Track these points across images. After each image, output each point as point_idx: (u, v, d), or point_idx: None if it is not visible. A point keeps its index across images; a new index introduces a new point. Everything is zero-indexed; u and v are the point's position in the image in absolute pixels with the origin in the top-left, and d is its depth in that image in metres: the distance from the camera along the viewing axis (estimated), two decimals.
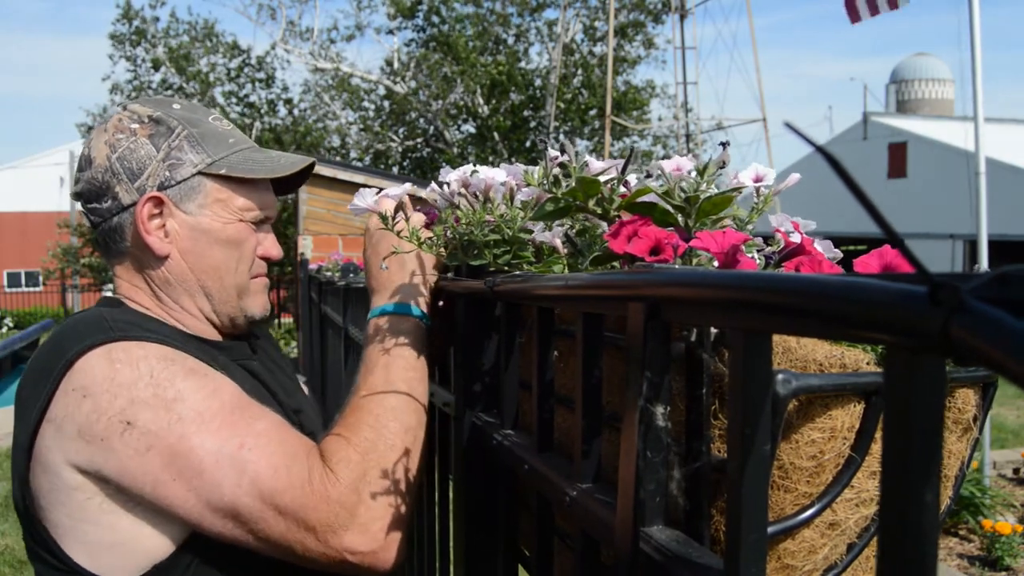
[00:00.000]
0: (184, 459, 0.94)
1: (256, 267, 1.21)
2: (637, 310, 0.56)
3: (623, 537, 0.58)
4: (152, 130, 1.13)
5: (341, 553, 0.95)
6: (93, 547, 1.00)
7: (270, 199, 1.21)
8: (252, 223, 1.18)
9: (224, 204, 1.15)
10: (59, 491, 0.99)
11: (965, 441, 0.68)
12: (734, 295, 0.44)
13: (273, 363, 1.35)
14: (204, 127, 1.16)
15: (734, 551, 0.47)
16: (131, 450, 0.94)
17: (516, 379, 0.96)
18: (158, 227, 1.12)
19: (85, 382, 0.97)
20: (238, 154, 1.16)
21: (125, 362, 0.98)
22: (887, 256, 0.64)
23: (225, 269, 1.16)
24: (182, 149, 1.13)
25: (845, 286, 0.37)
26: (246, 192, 1.17)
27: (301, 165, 1.19)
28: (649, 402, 0.57)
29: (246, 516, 0.94)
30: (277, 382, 1.29)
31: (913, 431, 0.36)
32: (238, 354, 1.22)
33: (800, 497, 0.61)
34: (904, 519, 0.36)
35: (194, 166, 1.13)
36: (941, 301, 0.31)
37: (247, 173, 1.15)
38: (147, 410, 0.95)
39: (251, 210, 1.17)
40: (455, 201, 0.97)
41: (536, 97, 19.87)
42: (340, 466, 0.96)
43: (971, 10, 5.68)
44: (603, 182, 0.79)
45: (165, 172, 1.12)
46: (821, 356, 0.60)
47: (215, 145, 1.15)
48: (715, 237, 0.64)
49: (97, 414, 0.96)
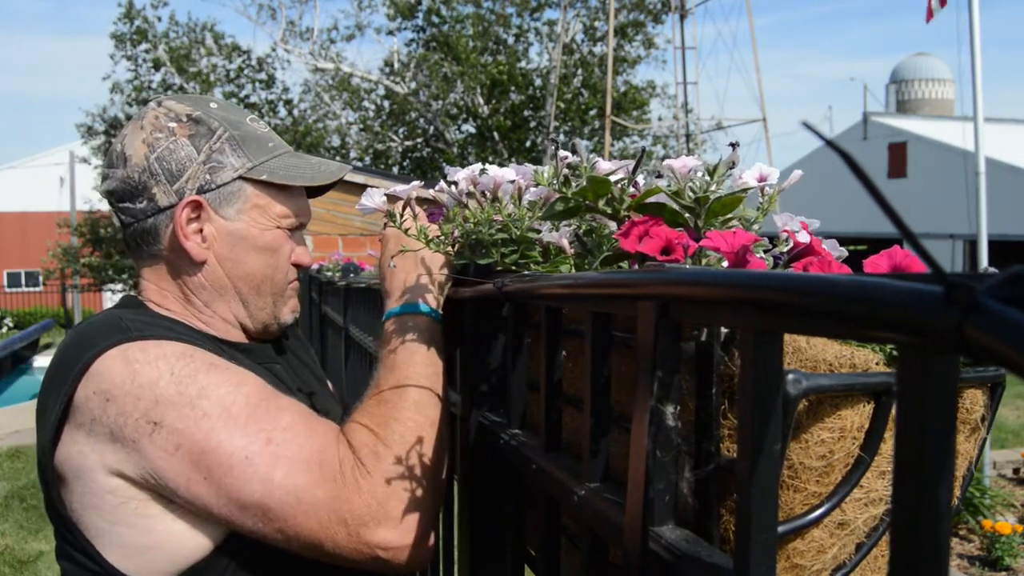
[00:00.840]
0: (212, 456, 0.93)
1: (290, 274, 1.20)
2: (647, 309, 0.56)
3: (632, 536, 0.58)
4: (192, 130, 1.10)
5: (373, 548, 0.93)
6: (129, 550, 0.98)
7: (305, 205, 1.20)
8: (288, 230, 1.17)
9: (263, 210, 1.13)
10: (93, 495, 0.98)
11: (973, 441, 0.68)
12: (748, 295, 0.44)
13: (300, 363, 1.34)
14: (244, 129, 1.14)
15: (744, 551, 0.48)
16: (161, 451, 0.93)
17: (524, 379, 0.96)
18: (195, 231, 1.10)
19: (105, 385, 0.96)
20: (278, 159, 1.14)
21: (143, 361, 0.96)
22: (896, 256, 0.65)
23: (262, 276, 1.15)
24: (223, 152, 1.10)
25: (859, 286, 0.37)
26: (284, 198, 1.15)
27: (340, 174, 1.18)
28: (659, 402, 0.57)
29: (276, 512, 0.92)
30: (302, 382, 1.28)
31: (927, 431, 0.36)
32: (262, 357, 1.20)
33: (809, 497, 0.61)
34: (917, 519, 0.36)
35: (235, 170, 1.11)
36: (956, 301, 0.31)
37: (288, 180, 1.13)
38: (172, 408, 0.93)
39: (288, 217, 1.16)
40: (464, 200, 0.97)
41: (536, 97, 19.86)
42: (370, 459, 0.94)
43: (971, 10, 5.69)
44: (613, 182, 0.79)
45: (206, 175, 1.09)
46: (831, 356, 0.60)
47: (256, 149, 1.13)
48: (725, 237, 0.64)
49: (124, 417, 0.94)
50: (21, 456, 7.65)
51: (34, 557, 5.30)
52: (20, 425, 8.69)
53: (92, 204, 20.50)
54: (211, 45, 19.75)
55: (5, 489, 6.69)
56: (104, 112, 19.70)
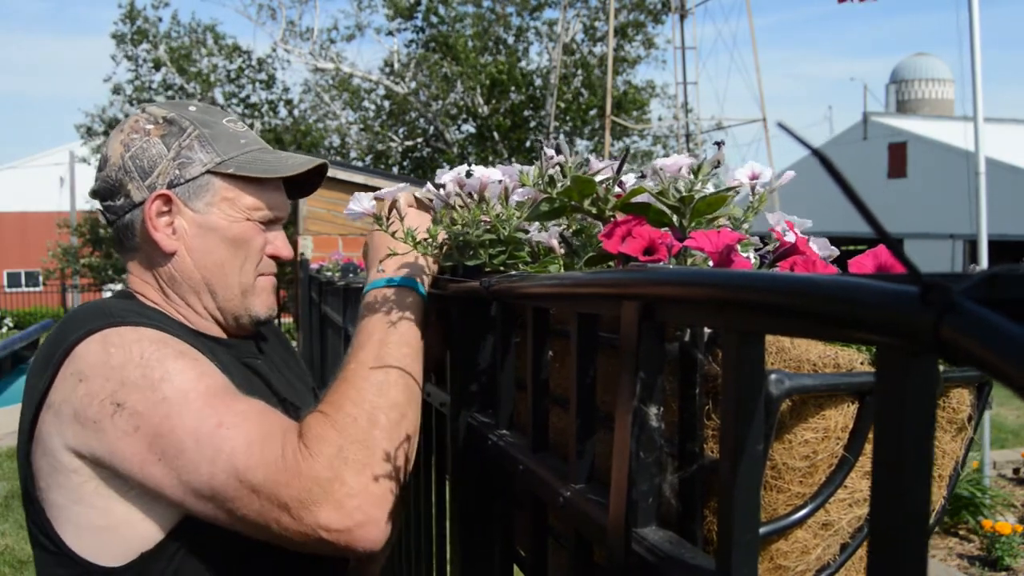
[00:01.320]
0: (166, 439, 0.95)
1: (264, 266, 1.22)
2: (631, 309, 0.56)
3: (615, 538, 0.58)
4: (165, 130, 1.16)
5: (316, 530, 0.93)
6: (85, 531, 1.02)
7: (279, 200, 1.22)
8: (261, 223, 1.20)
9: (232, 203, 1.16)
10: (58, 473, 1.02)
11: (959, 441, 0.68)
12: (726, 294, 0.44)
13: (283, 363, 1.35)
14: (217, 128, 1.18)
15: (726, 552, 0.47)
16: (120, 431, 0.96)
17: (511, 379, 0.96)
18: (166, 224, 1.15)
19: (81, 366, 1.00)
20: (248, 154, 1.18)
21: (119, 345, 1.00)
22: (882, 256, 0.64)
23: (230, 267, 1.17)
24: (192, 148, 1.15)
25: (836, 286, 0.36)
26: (254, 192, 1.18)
27: (308, 166, 1.20)
28: (642, 402, 0.56)
29: (223, 495, 0.94)
30: (284, 381, 1.29)
31: (905, 432, 0.35)
32: (242, 352, 1.23)
33: (793, 497, 0.61)
34: (895, 520, 0.36)
35: (203, 165, 1.15)
36: (932, 302, 0.31)
37: (255, 172, 1.16)
38: (135, 391, 0.97)
39: (259, 209, 1.19)
40: (451, 202, 0.97)
41: (536, 97, 19.86)
42: (316, 442, 0.95)
43: (971, 10, 5.68)
44: (598, 182, 0.79)
45: (175, 171, 1.14)
46: (815, 356, 0.60)
47: (225, 145, 1.17)
48: (709, 237, 0.64)
49: (90, 397, 0.98)
50: None
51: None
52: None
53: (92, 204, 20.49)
54: (212, 45, 19.76)
55: (5, 489, 6.69)
56: (104, 112, 19.71)
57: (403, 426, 1.01)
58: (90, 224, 19.56)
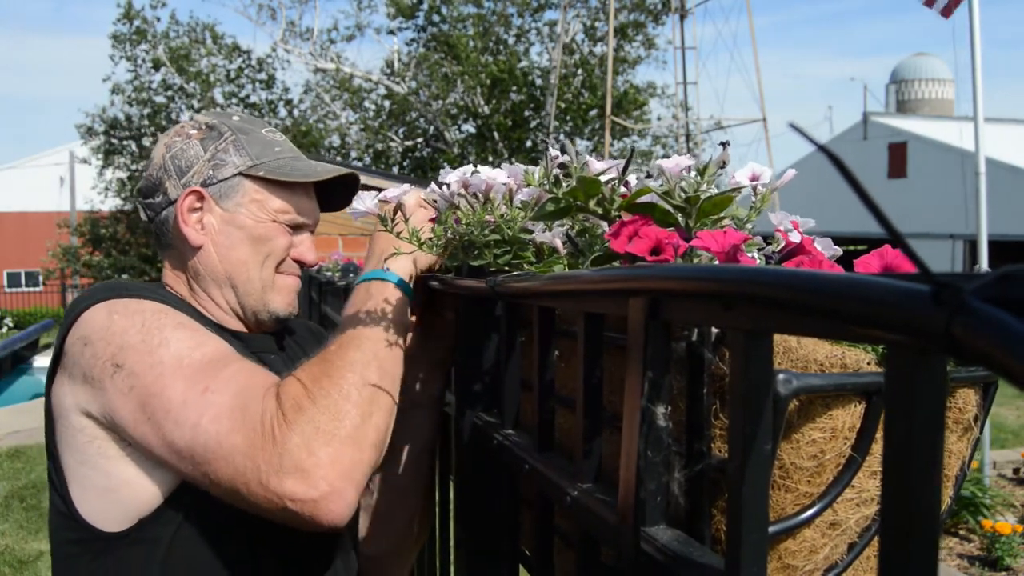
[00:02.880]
0: (157, 400, 1.00)
1: (286, 266, 1.27)
2: (638, 306, 0.56)
3: (624, 537, 0.58)
4: (205, 134, 1.24)
5: (281, 499, 0.94)
6: (89, 492, 1.07)
7: (308, 205, 1.28)
8: (287, 226, 1.26)
9: (260, 204, 1.23)
10: (69, 434, 1.09)
11: (966, 441, 0.68)
12: (734, 289, 0.44)
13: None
14: (253, 135, 1.26)
15: (735, 551, 0.47)
16: (117, 390, 1.02)
17: (517, 379, 0.96)
18: (196, 220, 1.22)
19: (86, 331, 1.07)
20: (280, 160, 1.25)
21: (122, 313, 1.06)
22: (888, 256, 0.64)
23: (252, 263, 1.23)
24: (227, 151, 1.23)
25: (847, 283, 0.36)
26: (283, 195, 1.25)
27: (335, 173, 1.25)
28: (650, 402, 0.56)
29: (200, 456, 0.98)
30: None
31: (914, 431, 0.35)
32: (259, 346, 1.27)
33: (801, 497, 0.61)
34: (905, 519, 0.36)
35: (236, 167, 1.22)
36: (944, 301, 0.31)
37: (283, 176, 1.23)
38: (134, 353, 1.02)
39: (286, 212, 1.25)
40: (455, 202, 0.97)
41: (536, 97, 19.87)
42: (292, 411, 0.97)
43: (971, 10, 5.68)
44: (603, 182, 0.79)
45: (209, 171, 1.22)
46: (822, 356, 0.60)
47: (260, 150, 1.24)
48: (715, 237, 0.64)
49: (95, 359, 1.04)
50: (21, 456, 7.65)
51: (34, 557, 5.30)
52: (20, 425, 8.68)
53: (92, 204, 20.49)
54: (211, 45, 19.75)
55: (5, 489, 6.69)
56: (104, 112, 19.70)
57: (377, 404, 1.03)
58: (90, 224, 19.54)
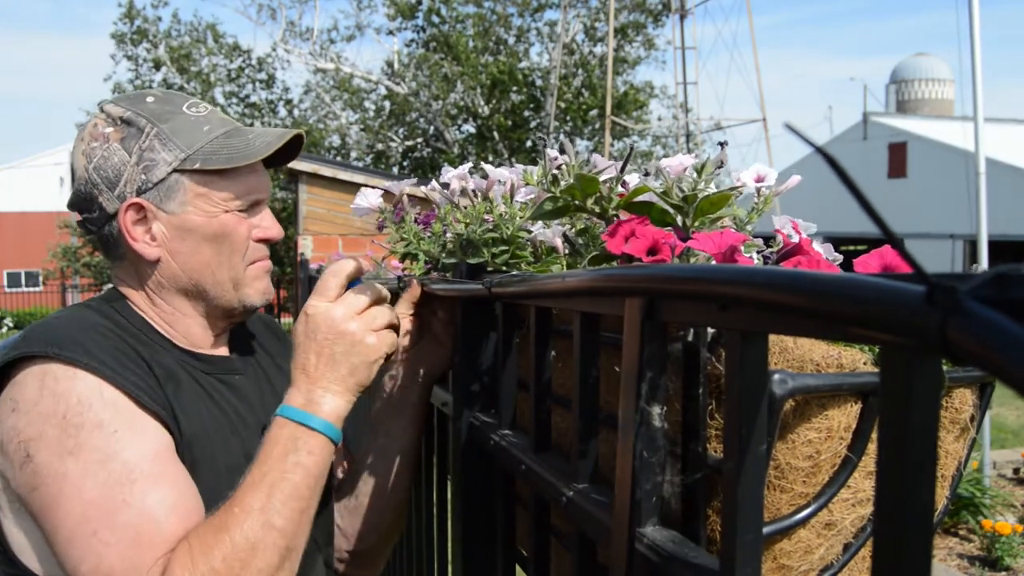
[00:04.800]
0: (51, 513, 0.96)
1: (253, 252, 1.16)
2: (634, 306, 0.56)
3: (619, 537, 0.58)
4: (123, 132, 1.11)
5: None
6: (13, 535, 1.03)
7: (256, 181, 1.15)
8: (240, 211, 1.14)
9: (206, 198, 1.11)
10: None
11: (962, 441, 0.68)
12: (729, 289, 0.44)
13: (276, 368, 1.28)
14: (176, 120, 1.12)
15: (730, 551, 0.47)
16: (24, 482, 0.97)
17: (514, 379, 0.96)
18: (144, 232, 1.11)
19: (16, 396, 1.00)
20: (213, 143, 1.12)
21: (51, 391, 0.99)
22: (887, 256, 0.64)
23: (216, 264, 1.13)
24: (154, 149, 1.10)
25: (842, 283, 0.36)
26: (227, 181, 1.12)
27: (278, 143, 1.12)
28: (646, 402, 0.56)
29: None
30: (265, 395, 1.22)
31: (909, 431, 0.35)
32: (222, 368, 1.18)
33: (796, 497, 0.61)
34: (899, 519, 0.36)
35: (168, 164, 1.10)
36: (938, 302, 0.31)
37: (223, 163, 1.10)
38: (46, 451, 0.96)
39: (235, 198, 1.13)
40: (455, 200, 0.97)
41: (536, 97, 19.88)
42: None
43: (971, 10, 5.68)
44: (601, 181, 0.79)
45: (141, 176, 1.10)
46: (818, 356, 0.60)
47: (188, 137, 1.11)
48: (712, 237, 0.64)
49: (14, 432, 0.99)
50: None
51: None
52: None
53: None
54: (212, 44, 19.77)
55: None
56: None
57: None
58: None
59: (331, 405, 1.03)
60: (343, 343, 1.05)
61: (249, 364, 1.25)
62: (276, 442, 1.00)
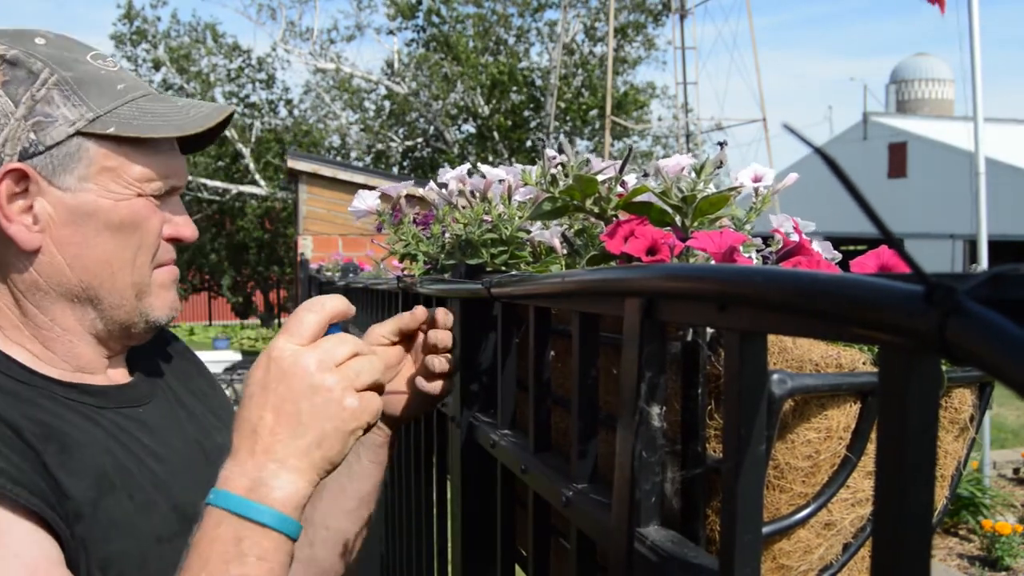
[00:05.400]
0: None
1: (163, 253, 0.91)
2: (633, 306, 0.56)
3: (618, 537, 0.58)
4: (7, 75, 0.83)
5: None
6: None
7: (177, 163, 0.92)
8: (154, 197, 0.89)
9: (115, 174, 0.85)
10: None
11: (962, 441, 0.68)
12: (728, 289, 0.44)
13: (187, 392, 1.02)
14: (81, 70, 0.86)
15: (729, 551, 0.47)
16: None
17: (513, 379, 0.96)
18: (22, 210, 0.83)
19: None
20: (131, 105, 0.86)
21: None
22: (884, 256, 0.64)
23: (119, 262, 0.87)
24: (51, 101, 0.83)
25: (840, 283, 0.36)
26: (145, 157, 0.87)
27: (218, 117, 0.89)
28: (645, 402, 0.56)
29: None
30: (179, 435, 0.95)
31: (908, 432, 0.35)
32: (123, 399, 0.91)
33: (795, 497, 0.61)
34: (898, 520, 0.36)
35: (70, 124, 0.83)
36: (936, 302, 0.31)
37: (147, 131, 0.85)
38: None
39: (152, 180, 0.87)
40: (454, 201, 0.97)
41: (536, 97, 19.90)
42: None
43: (971, 10, 5.69)
44: (600, 181, 0.79)
45: (29, 135, 0.82)
46: (817, 356, 0.60)
47: (99, 94, 0.85)
48: (712, 237, 0.64)
49: None
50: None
51: None
52: None
53: None
54: (211, 44, 19.79)
55: None
56: None
57: None
58: None
59: (287, 488, 0.72)
60: (313, 400, 0.74)
61: (156, 388, 0.98)
62: (211, 545, 0.70)
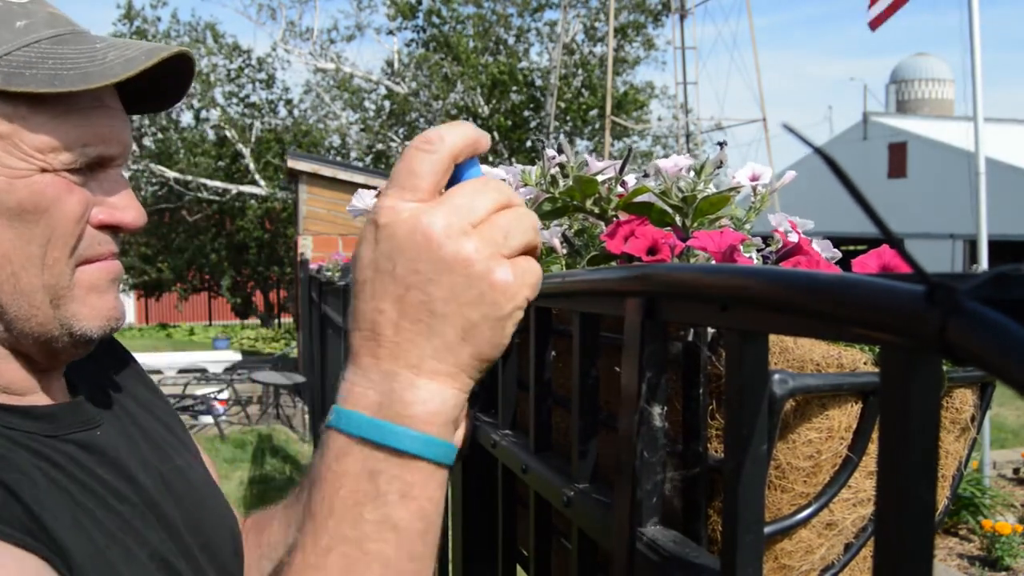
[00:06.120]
0: None
1: (89, 244, 0.70)
2: (634, 306, 0.56)
3: (620, 537, 0.58)
4: None
5: None
6: None
7: (106, 125, 0.68)
8: (70, 171, 0.67)
9: (9, 143, 0.64)
10: None
11: (963, 441, 0.68)
12: (730, 289, 0.44)
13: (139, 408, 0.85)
14: None
15: (731, 551, 0.47)
16: None
17: (514, 379, 0.96)
18: None
19: None
20: (30, 49, 0.64)
21: None
22: (885, 256, 0.64)
23: (21, 259, 0.66)
24: None
25: (841, 283, 0.36)
26: (51, 119, 0.65)
27: (146, 61, 0.65)
28: (647, 402, 0.56)
29: None
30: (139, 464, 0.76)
31: (909, 432, 0.35)
32: (71, 423, 0.72)
33: (797, 497, 0.61)
34: (900, 519, 0.36)
35: None
36: (938, 302, 0.31)
37: (45, 84, 0.63)
38: None
39: (62, 150, 0.66)
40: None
41: (536, 97, 19.91)
42: None
43: (971, 10, 5.69)
44: (600, 182, 0.79)
45: None
46: (818, 356, 0.60)
47: None
48: (712, 237, 0.64)
49: None
50: None
51: None
52: None
53: None
54: (211, 44, 19.78)
55: None
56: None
57: None
58: None
59: (429, 401, 0.55)
60: (450, 280, 0.54)
61: (108, 404, 0.80)
62: (336, 483, 0.55)
